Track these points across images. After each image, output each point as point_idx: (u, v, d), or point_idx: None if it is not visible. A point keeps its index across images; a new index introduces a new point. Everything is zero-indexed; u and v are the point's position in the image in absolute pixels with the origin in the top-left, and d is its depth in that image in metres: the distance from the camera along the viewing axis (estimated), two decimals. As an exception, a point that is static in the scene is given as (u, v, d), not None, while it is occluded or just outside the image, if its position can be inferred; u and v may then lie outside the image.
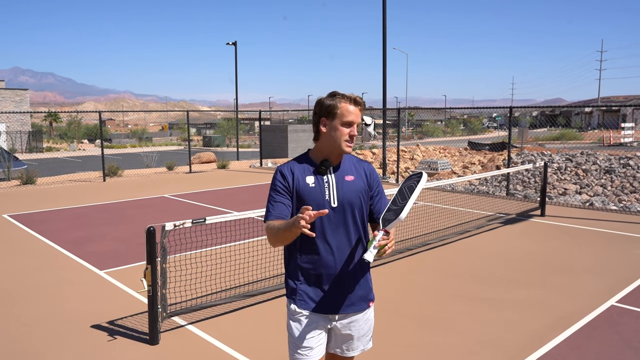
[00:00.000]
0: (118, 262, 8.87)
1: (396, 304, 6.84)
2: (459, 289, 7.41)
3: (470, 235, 10.65)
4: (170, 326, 6.15)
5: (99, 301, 7.06)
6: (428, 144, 39.35)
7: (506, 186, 16.31)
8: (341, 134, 3.13)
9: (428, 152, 29.80)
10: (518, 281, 7.75)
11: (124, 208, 14.23)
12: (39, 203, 15.32)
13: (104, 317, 6.45)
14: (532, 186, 16.82)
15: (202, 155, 29.73)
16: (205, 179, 21.30)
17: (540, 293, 7.22)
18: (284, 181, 3.18)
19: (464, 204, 13.79)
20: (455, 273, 8.19)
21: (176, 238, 9.68)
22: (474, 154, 29.17)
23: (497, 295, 7.16)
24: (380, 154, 23.63)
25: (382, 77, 21.30)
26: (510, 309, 6.63)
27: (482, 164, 23.69)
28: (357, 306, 3.22)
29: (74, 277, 8.17)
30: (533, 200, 14.71)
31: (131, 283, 7.71)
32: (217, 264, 8.17)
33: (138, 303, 6.93)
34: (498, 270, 8.30)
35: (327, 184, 3.16)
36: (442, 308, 6.70)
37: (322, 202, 3.11)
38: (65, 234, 11.03)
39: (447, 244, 9.98)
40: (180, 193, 16.85)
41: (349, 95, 3.15)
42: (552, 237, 10.46)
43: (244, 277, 7.74)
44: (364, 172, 3.29)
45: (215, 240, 9.51)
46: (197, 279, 7.44)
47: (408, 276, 8.07)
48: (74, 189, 18.64)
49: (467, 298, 7.05)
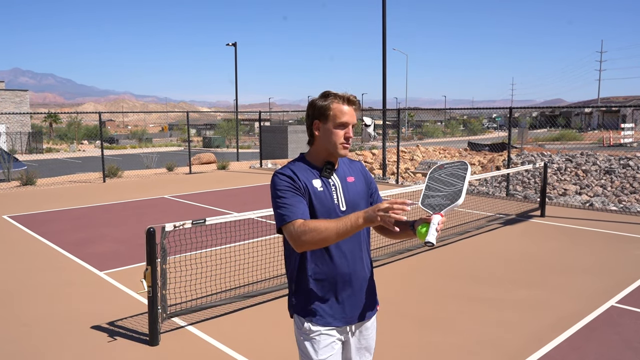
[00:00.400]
0: (118, 263, 8.87)
1: (396, 304, 6.84)
2: (459, 290, 7.41)
3: (470, 235, 10.65)
4: (170, 327, 6.15)
5: (99, 302, 7.06)
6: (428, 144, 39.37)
7: (506, 187, 16.31)
8: (336, 137, 2.96)
9: (428, 153, 29.81)
10: (518, 281, 7.75)
11: (124, 209, 14.23)
12: (39, 204, 15.32)
13: (104, 318, 6.46)
14: (532, 187, 16.82)
15: (202, 156, 29.73)
16: (205, 179, 21.30)
17: (540, 293, 7.22)
18: (293, 182, 2.93)
19: (464, 204, 13.79)
20: (456, 273, 8.19)
21: (176, 239, 9.68)
22: (473, 154, 29.18)
23: (497, 295, 7.16)
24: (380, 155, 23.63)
25: (382, 78, 21.31)
26: (510, 309, 6.63)
27: (482, 164, 23.70)
28: (370, 312, 3.08)
29: (75, 278, 8.17)
30: (533, 201, 14.71)
31: (131, 284, 7.72)
32: (217, 264, 8.17)
33: (138, 304, 6.94)
34: (498, 271, 8.30)
35: (335, 187, 2.99)
36: (442, 308, 6.70)
37: (332, 207, 2.93)
38: (66, 235, 11.03)
39: (447, 244, 9.98)
40: (180, 194, 16.86)
41: (341, 94, 2.98)
42: (552, 238, 10.47)
43: (244, 278, 7.74)
44: (360, 171, 3.18)
45: (215, 241, 9.51)
46: (197, 280, 7.44)
47: (408, 277, 8.07)
48: (74, 189, 18.65)
49: (467, 298, 7.05)
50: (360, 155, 28.62)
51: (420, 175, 21.98)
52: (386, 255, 8.98)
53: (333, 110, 2.95)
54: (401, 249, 9.32)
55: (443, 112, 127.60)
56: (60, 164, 34.93)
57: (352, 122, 2.98)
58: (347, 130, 2.97)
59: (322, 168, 3.01)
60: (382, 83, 21.33)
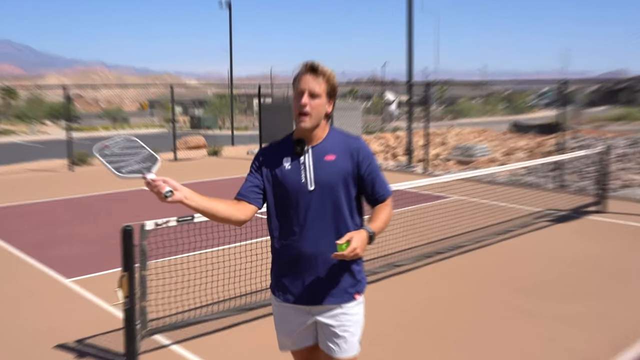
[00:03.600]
0: (88, 269, 8.91)
1: (420, 319, 6.84)
2: (498, 301, 7.40)
3: (513, 235, 10.62)
4: (151, 346, 6.17)
5: (65, 316, 7.09)
6: (463, 125, 39.23)
7: (558, 177, 16.24)
8: (294, 108, 3.39)
9: (462, 136, 29.72)
10: (571, 291, 7.73)
11: (95, 203, 14.28)
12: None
13: (71, 336, 6.48)
14: (590, 177, 16.75)
15: (190, 140, 29.76)
16: (194, 168, 21.35)
17: (599, 306, 7.19)
18: (255, 162, 3.58)
19: (505, 198, 13.75)
20: (494, 281, 8.18)
21: (158, 239, 9.68)
22: (518, 137, 29.07)
23: (545, 308, 7.14)
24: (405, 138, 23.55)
25: (408, 45, 21.22)
26: (561, 325, 6.61)
27: (529, 149, 23.62)
28: (337, 297, 3.44)
29: (35, 287, 8.21)
30: (590, 194, 14.64)
31: (104, 294, 7.74)
32: (208, 270, 8.18)
33: (112, 318, 6.96)
34: (546, 278, 8.28)
35: (303, 165, 3.39)
36: (476, 324, 6.70)
37: (297, 186, 3.37)
38: (24, 236, 11.08)
39: (483, 246, 9.96)
40: (163, 185, 16.86)
41: (306, 62, 3.39)
42: (613, 238, 10.43)
43: (240, 287, 7.75)
44: (350, 149, 3.45)
45: (205, 243, 9.50)
46: (183, 290, 7.45)
47: (435, 286, 8.07)
48: (34, 180, 18.72)
49: (507, 311, 7.04)
50: (381, 139, 28.59)
51: (453, 163, 21.94)
52: (410, 260, 8.97)
53: (296, 80, 3.42)
54: (429, 252, 9.30)
55: (481, 86, 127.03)
56: (18, 148, 35.10)
57: (305, 88, 3.35)
58: (301, 99, 3.35)
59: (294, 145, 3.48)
60: (408, 51, 21.25)
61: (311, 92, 3.33)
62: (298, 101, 3.36)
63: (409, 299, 7.42)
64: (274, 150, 3.55)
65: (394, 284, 8.10)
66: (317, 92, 3.35)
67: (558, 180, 16.16)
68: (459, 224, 11.09)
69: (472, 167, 20.61)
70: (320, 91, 3.36)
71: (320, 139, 3.46)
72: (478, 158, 21.97)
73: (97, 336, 6.45)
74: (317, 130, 3.45)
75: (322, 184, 3.36)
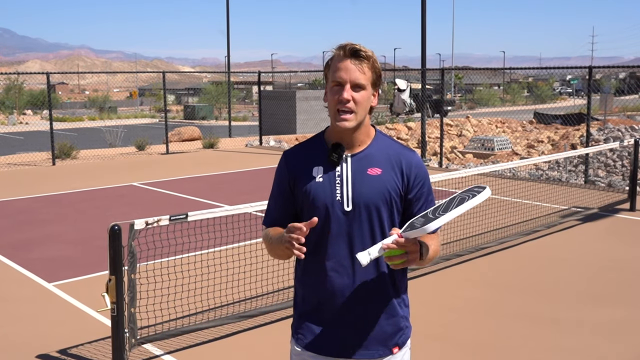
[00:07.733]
0: (72, 272, 8.91)
1: (440, 325, 6.83)
2: (521, 307, 7.39)
3: (537, 236, 10.59)
4: (141, 356, 6.17)
5: (47, 323, 7.10)
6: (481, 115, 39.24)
7: (584, 171, 16.22)
8: (331, 104, 2.93)
9: (481, 127, 29.71)
10: (599, 297, 7.72)
11: (80, 200, 14.28)
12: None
13: (54, 345, 6.49)
14: (619, 171, 16.72)
15: (183, 131, 29.79)
16: (187, 161, 21.35)
17: (630, 313, 7.18)
18: (280, 172, 3.06)
19: (528, 194, 13.72)
20: (517, 286, 8.16)
21: (149, 240, 9.66)
22: (541, 128, 29.07)
23: (571, 315, 7.13)
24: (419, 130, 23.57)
25: (421, 28, 21.19)
26: (588, 334, 6.61)
27: (553, 142, 23.61)
28: (372, 351, 3.01)
29: (14, 292, 8.21)
30: (620, 190, 14.61)
31: (89, 300, 7.74)
32: (204, 274, 8.17)
33: (98, 326, 6.96)
34: (573, 283, 8.27)
35: (340, 178, 2.93)
36: (498, 332, 6.69)
37: (330, 204, 2.92)
38: (2, 236, 11.09)
39: (506, 248, 9.94)
40: (154, 180, 16.88)
41: (345, 44, 2.92)
42: (646, 240, 10.42)
43: (238, 293, 7.74)
44: (401, 163, 3.00)
45: (200, 244, 9.49)
46: (176, 295, 7.44)
47: (456, 290, 8.06)
48: (13, 175, 18.74)
49: (531, 319, 7.02)
50: (392, 130, 28.58)
51: (471, 156, 21.92)
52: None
53: (331, 67, 2.94)
54: (447, 255, 9.27)
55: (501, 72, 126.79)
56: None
57: (347, 79, 2.88)
58: (341, 93, 2.88)
59: (329, 151, 2.99)
60: (421, 35, 21.22)
61: (355, 83, 2.86)
62: (337, 95, 2.87)
63: (427, 305, 7.39)
64: (300, 155, 3.03)
65: (410, 289, 8.06)
66: (362, 83, 2.88)
67: (584, 175, 16.11)
68: (479, 223, 11.03)
69: (492, 160, 20.59)
70: (365, 81, 2.89)
71: (364, 146, 2.99)
72: (498, 151, 21.95)
73: (82, 345, 6.45)
74: (359, 132, 2.98)
75: (362, 205, 2.91)
